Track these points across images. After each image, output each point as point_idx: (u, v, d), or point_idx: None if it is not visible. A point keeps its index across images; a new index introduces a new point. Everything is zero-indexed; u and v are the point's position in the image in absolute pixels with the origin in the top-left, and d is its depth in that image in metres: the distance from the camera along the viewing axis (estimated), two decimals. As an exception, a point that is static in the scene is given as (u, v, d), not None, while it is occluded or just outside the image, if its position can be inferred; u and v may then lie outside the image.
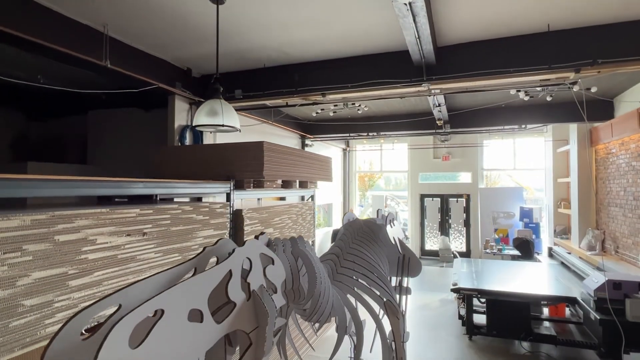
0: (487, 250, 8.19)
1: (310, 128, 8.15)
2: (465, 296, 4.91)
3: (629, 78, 5.32)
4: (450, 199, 10.47)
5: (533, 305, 4.82)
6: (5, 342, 1.75)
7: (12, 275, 1.79)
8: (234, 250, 1.14)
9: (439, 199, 10.59)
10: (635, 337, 3.59)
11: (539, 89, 5.02)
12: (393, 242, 2.77)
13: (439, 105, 5.67)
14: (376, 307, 2.07)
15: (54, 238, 1.98)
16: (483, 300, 5.20)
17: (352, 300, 1.98)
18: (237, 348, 1.18)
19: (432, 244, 10.63)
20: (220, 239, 1.24)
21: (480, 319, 4.90)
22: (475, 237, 10.08)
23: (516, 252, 7.96)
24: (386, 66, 4.17)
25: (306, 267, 1.59)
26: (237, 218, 3.46)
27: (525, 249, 7.96)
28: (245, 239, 2.70)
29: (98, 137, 5.61)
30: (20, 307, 1.82)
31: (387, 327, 2.00)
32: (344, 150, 11.17)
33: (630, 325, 3.60)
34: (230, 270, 1.09)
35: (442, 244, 10.05)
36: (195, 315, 0.94)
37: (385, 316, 2.07)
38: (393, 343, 2.16)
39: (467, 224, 10.26)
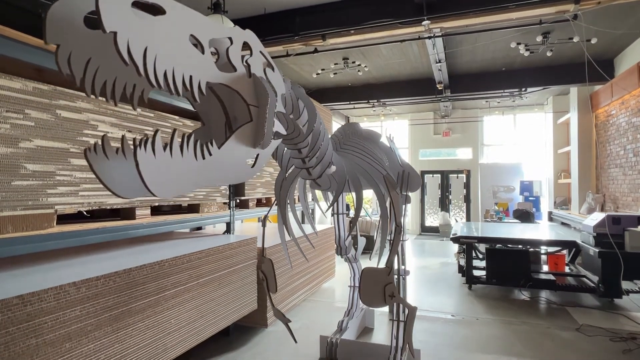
0: (488, 219, 8.19)
1: (310, 97, 8.15)
2: (465, 246, 4.91)
3: (629, 32, 5.33)
4: (451, 175, 10.48)
5: (533, 264, 4.80)
6: (7, 198, 1.77)
7: (15, 135, 1.81)
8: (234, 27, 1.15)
9: (439, 175, 10.60)
10: (633, 266, 3.61)
11: (539, 39, 5.04)
12: (392, 150, 2.79)
13: (439, 61, 5.68)
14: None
15: (55, 112, 2.00)
16: (482, 256, 5.22)
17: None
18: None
19: (432, 220, 10.64)
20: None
21: (480, 274, 4.91)
22: (475, 212, 10.09)
23: (516, 222, 7.94)
24: (387, 6, 4.18)
25: (306, 107, 1.60)
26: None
27: (526, 219, 7.94)
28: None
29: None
30: (22, 169, 1.83)
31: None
32: (345, 127, 11.17)
33: (628, 255, 3.62)
34: (230, 38, 1.10)
35: (443, 219, 10.05)
36: (197, 47, 0.95)
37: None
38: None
39: (467, 199, 10.28)
